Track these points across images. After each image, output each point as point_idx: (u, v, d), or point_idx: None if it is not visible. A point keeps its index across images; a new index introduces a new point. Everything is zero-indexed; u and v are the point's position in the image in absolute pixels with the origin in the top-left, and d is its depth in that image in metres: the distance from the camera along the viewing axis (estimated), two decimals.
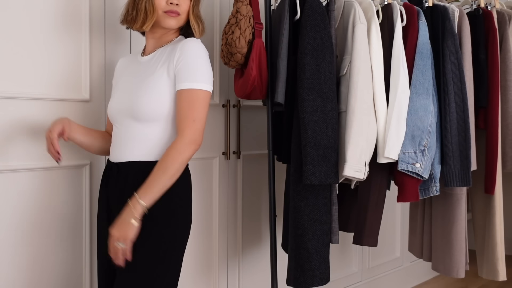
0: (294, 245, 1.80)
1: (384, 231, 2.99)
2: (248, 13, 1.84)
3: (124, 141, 1.44)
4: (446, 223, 2.12)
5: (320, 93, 1.71)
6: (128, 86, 1.47)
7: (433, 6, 2.01)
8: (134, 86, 1.44)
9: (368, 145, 1.76)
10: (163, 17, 1.42)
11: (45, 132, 1.48)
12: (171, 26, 1.44)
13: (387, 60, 1.84)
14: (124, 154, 1.43)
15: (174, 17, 1.42)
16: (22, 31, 1.61)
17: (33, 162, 1.64)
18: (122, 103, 1.45)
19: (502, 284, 3.12)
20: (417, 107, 1.83)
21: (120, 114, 1.45)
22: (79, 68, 1.73)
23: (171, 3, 1.41)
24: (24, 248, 1.63)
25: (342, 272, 2.74)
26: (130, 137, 1.42)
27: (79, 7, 1.73)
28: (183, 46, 1.40)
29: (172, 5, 1.41)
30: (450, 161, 1.93)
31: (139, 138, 1.41)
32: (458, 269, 2.09)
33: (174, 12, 1.41)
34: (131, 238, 1.30)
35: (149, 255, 1.36)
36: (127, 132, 1.43)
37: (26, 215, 1.63)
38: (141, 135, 1.41)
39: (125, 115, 1.43)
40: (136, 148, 1.41)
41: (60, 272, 1.71)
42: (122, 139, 1.45)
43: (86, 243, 1.76)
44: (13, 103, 1.59)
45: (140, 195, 1.31)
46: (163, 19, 1.42)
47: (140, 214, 1.31)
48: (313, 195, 1.77)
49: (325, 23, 1.75)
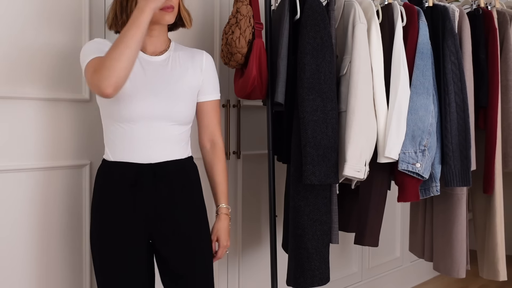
0: (294, 245, 1.80)
1: (384, 231, 2.98)
2: (248, 13, 1.84)
3: (157, 142, 1.43)
4: (446, 223, 2.12)
5: (320, 93, 1.71)
6: (155, 89, 1.43)
7: (433, 6, 2.01)
8: (166, 91, 1.44)
9: (368, 145, 1.76)
10: (160, 14, 1.41)
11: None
12: (169, 21, 1.44)
13: (387, 60, 1.84)
14: (160, 154, 1.44)
15: (171, 12, 1.43)
16: (21, 30, 1.60)
17: (33, 162, 1.63)
18: (157, 108, 1.42)
19: (502, 284, 3.12)
20: (418, 107, 1.83)
21: (151, 117, 1.42)
22: (79, 68, 1.73)
23: None
24: (24, 247, 1.63)
25: (342, 272, 2.74)
26: (164, 138, 1.44)
27: (79, 6, 1.73)
28: (207, 58, 1.56)
29: (167, 1, 1.41)
30: (450, 161, 1.93)
31: (174, 139, 1.46)
32: (458, 269, 2.09)
33: (170, 7, 1.42)
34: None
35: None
36: (160, 134, 1.43)
37: (26, 215, 1.63)
38: (176, 136, 1.47)
39: (160, 118, 1.43)
40: (174, 148, 1.47)
41: (60, 272, 1.71)
42: (151, 140, 1.42)
43: (86, 243, 1.76)
44: (13, 103, 1.59)
45: (226, 203, 1.58)
46: (161, 16, 1.42)
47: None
48: (313, 195, 1.77)
49: (325, 23, 1.75)
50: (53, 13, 1.67)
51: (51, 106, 1.67)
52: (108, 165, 1.45)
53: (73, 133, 1.72)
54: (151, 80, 1.44)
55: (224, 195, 1.58)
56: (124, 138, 1.42)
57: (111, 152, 1.44)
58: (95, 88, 1.28)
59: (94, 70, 1.29)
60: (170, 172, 1.45)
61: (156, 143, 1.43)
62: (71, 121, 1.72)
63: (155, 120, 1.42)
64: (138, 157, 1.42)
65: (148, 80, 1.44)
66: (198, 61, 1.53)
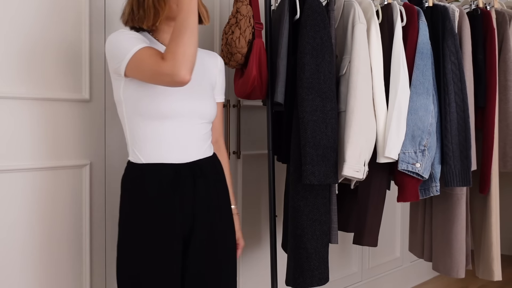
0: (293, 245, 1.80)
1: (384, 231, 2.99)
2: (248, 13, 1.84)
3: (192, 140, 1.43)
4: (446, 223, 2.12)
5: (320, 93, 1.71)
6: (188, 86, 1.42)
7: (433, 6, 2.01)
8: (196, 87, 1.45)
9: (367, 144, 1.76)
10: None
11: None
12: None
13: (387, 60, 1.84)
14: (195, 152, 1.44)
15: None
16: (21, 30, 1.61)
17: (33, 162, 1.64)
18: (194, 105, 1.42)
19: (502, 284, 3.12)
20: (417, 107, 1.83)
21: (190, 115, 1.42)
22: (79, 68, 1.74)
23: None
24: (23, 248, 1.63)
25: (342, 272, 2.74)
26: (198, 136, 1.45)
27: (79, 5, 1.73)
28: (221, 61, 1.61)
29: None
30: (450, 161, 1.93)
31: (204, 137, 1.48)
32: (458, 269, 2.09)
33: None
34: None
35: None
36: (194, 132, 1.44)
37: (25, 215, 1.63)
38: (206, 134, 1.49)
39: (196, 116, 1.43)
40: (205, 145, 1.48)
41: (60, 272, 1.71)
42: (187, 138, 1.42)
43: (86, 243, 1.76)
44: (12, 103, 1.59)
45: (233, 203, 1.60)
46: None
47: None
48: (313, 195, 1.77)
49: (324, 23, 1.75)
50: (53, 13, 1.67)
51: (51, 106, 1.67)
52: (140, 168, 1.39)
53: (73, 133, 1.73)
54: None
55: (231, 196, 1.60)
56: (157, 137, 1.38)
57: (142, 153, 1.39)
58: (167, 76, 1.25)
59: (162, 58, 1.26)
60: (205, 170, 1.45)
61: (191, 141, 1.42)
62: (71, 121, 1.72)
63: (188, 118, 1.41)
64: (175, 156, 1.39)
65: None
66: (214, 62, 1.58)
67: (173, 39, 1.27)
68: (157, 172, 1.38)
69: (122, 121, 1.43)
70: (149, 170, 1.38)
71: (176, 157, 1.39)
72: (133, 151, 1.41)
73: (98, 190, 1.79)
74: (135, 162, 1.40)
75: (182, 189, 1.39)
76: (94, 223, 1.78)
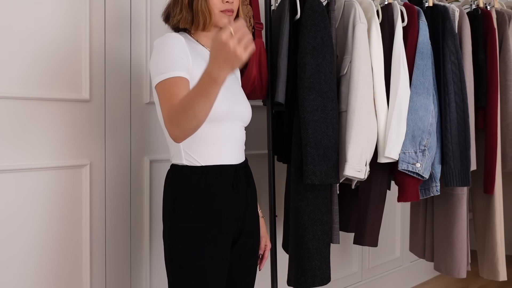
0: (294, 245, 1.80)
1: (384, 231, 2.99)
2: (248, 13, 1.84)
3: (238, 143, 1.47)
4: (447, 223, 2.12)
5: (321, 93, 1.71)
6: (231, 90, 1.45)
7: (433, 6, 2.01)
8: (236, 91, 1.49)
9: (368, 144, 1.76)
10: (219, 16, 1.40)
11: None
12: (225, 24, 1.36)
13: (387, 60, 1.84)
14: (241, 155, 1.48)
15: (230, 16, 1.41)
16: (21, 30, 1.60)
17: (33, 162, 1.63)
18: (241, 108, 1.46)
19: (502, 284, 3.12)
20: (418, 107, 1.83)
21: (234, 117, 1.44)
22: (79, 68, 1.73)
23: (227, 1, 1.40)
24: (23, 248, 1.62)
25: (342, 272, 2.74)
26: (241, 139, 1.49)
27: (79, 5, 1.73)
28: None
29: (228, 3, 1.40)
30: (450, 161, 1.93)
31: (244, 139, 1.51)
32: (459, 269, 2.09)
33: (230, 11, 1.41)
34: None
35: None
36: (238, 134, 1.46)
37: (25, 215, 1.62)
38: (244, 137, 1.52)
39: (239, 119, 1.46)
40: (243, 149, 1.51)
41: (60, 272, 1.71)
42: (235, 141, 1.45)
43: (86, 243, 1.76)
44: (12, 103, 1.59)
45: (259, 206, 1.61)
46: (220, 19, 1.41)
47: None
48: (314, 195, 1.77)
49: (325, 23, 1.75)
50: (52, 13, 1.67)
51: (51, 106, 1.67)
52: (199, 170, 1.38)
53: (73, 133, 1.72)
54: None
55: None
56: (213, 140, 1.39)
57: (198, 155, 1.38)
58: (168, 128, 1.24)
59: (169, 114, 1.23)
60: (247, 173, 1.51)
61: (235, 144, 1.45)
62: (71, 121, 1.71)
63: (238, 121, 1.45)
64: (233, 158, 1.43)
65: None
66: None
67: (179, 109, 1.19)
68: (219, 173, 1.40)
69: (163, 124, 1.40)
70: (212, 171, 1.39)
71: (234, 159, 1.44)
72: (187, 153, 1.39)
73: (98, 190, 1.78)
74: (191, 164, 1.39)
75: (240, 189, 1.45)
76: (94, 223, 1.77)
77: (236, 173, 1.43)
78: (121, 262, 1.85)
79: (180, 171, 1.40)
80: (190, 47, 1.41)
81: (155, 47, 1.38)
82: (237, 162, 1.45)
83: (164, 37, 1.37)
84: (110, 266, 1.82)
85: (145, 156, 1.89)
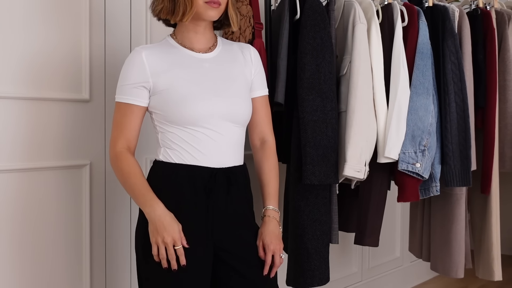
0: (293, 245, 1.80)
1: (384, 231, 2.98)
2: (248, 13, 1.84)
3: (225, 146, 1.38)
4: (445, 223, 2.12)
5: (320, 93, 1.71)
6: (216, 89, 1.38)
7: (433, 6, 2.01)
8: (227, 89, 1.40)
9: (368, 145, 1.76)
10: (204, 8, 1.35)
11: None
12: (211, 17, 1.37)
13: (387, 60, 1.84)
14: (228, 159, 1.39)
15: (216, 8, 1.36)
16: (21, 31, 1.60)
17: (33, 162, 1.63)
18: (220, 107, 1.36)
19: (502, 284, 3.12)
20: (417, 107, 1.83)
21: (217, 118, 1.36)
22: (79, 68, 1.73)
23: None
24: (24, 248, 1.63)
25: (342, 272, 2.74)
26: (231, 142, 1.40)
27: (79, 5, 1.73)
28: (255, 52, 1.51)
29: None
30: (450, 161, 1.93)
31: (239, 142, 1.43)
32: (457, 269, 2.09)
33: (216, 3, 1.35)
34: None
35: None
36: (226, 137, 1.38)
37: (25, 215, 1.63)
38: (239, 139, 1.43)
39: (224, 119, 1.37)
40: (238, 152, 1.43)
41: (60, 273, 1.71)
42: (220, 143, 1.37)
43: (86, 243, 1.76)
44: (12, 103, 1.59)
45: (273, 205, 1.49)
46: (204, 11, 1.35)
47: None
48: (313, 195, 1.77)
49: (325, 23, 1.75)
50: (53, 13, 1.67)
51: (51, 106, 1.67)
52: (171, 167, 1.36)
53: (73, 133, 1.72)
54: (209, 79, 1.38)
55: (271, 196, 1.50)
56: (191, 141, 1.35)
57: (174, 154, 1.36)
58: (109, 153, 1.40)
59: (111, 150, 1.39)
60: (239, 178, 1.42)
61: (221, 146, 1.37)
62: (71, 121, 1.72)
63: (222, 122, 1.36)
64: (210, 161, 1.36)
65: (206, 80, 1.38)
66: (247, 55, 1.49)
67: (120, 175, 1.38)
68: (191, 174, 1.35)
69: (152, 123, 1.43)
70: (184, 170, 1.35)
71: (211, 162, 1.36)
72: (164, 150, 1.38)
73: (98, 190, 1.79)
74: (166, 161, 1.38)
75: (215, 194, 1.36)
76: (94, 223, 1.77)
77: (212, 178, 1.35)
78: (121, 262, 1.86)
79: (155, 165, 1.42)
80: (161, 59, 1.38)
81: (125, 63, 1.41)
82: (217, 166, 1.36)
83: (130, 56, 1.39)
84: (110, 266, 1.83)
85: (145, 156, 1.89)
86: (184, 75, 1.37)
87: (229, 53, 1.47)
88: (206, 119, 1.35)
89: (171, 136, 1.37)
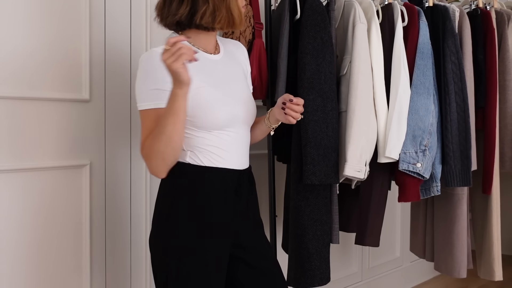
0: (294, 245, 1.80)
1: (384, 231, 2.98)
2: (248, 13, 1.85)
3: (242, 148, 1.41)
4: (447, 223, 2.12)
5: (321, 93, 1.71)
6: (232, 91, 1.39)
7: (433, 6, 2.01)
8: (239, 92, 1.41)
9: (368, 144, 1.76)
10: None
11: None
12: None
13: (387, 60, 1.84)
14: (245, 161, 1.43)
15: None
16: (21, 31, 1.60)
17: (33, 162, 1.63)
18: (238, 111, 1.38)
19: (502, 284, 3.12)
20: (418, 107, 1.83)
21: (240, 122, 1.39)
22: (79, 68, 1.73)
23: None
24: (24, 248, 1.62)
25: (342, 272, 2.74)
26: (246, 143, 1.43)
27: (79, 5, 1.73)
28: (245, 50, 1.52)
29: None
30: (450, 161, 1.93)
31: (248, 144, 1.45)
32: (460, 269, 2.09)
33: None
34: None
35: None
36: (243, 139, 1.41)
37: (26, 215, 1.62)
38: (249, 139, 1.46)
39: (244, 122, 1.41)
40: (247, 154, 1.45)
41: (60, 272, 1.71)
42: (239, 146, 1.39)
43: (86, 243, 1.76)
44: (12, 104, 1.59)
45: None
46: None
47: None
48: (314, 195, 1.77)
49: (325, 23, 1.75)
50: (53, 13, 1.67)
51: (51, 106, 1.67)
52: (202, 170, 1.34)
53: (73, 133, 1.72)
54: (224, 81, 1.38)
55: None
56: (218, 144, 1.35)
57: (203, 156, 1.34)
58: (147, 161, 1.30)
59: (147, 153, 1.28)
60: (253, 177, 1.47)
61: (244, 149, 1.41)
62: (71, 121, 1.71)
63: (242, 125, 1.39)
64: (235, 162, 1.38)
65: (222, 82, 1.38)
66: (242, 53, 1.51)
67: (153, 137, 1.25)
68: (222, 177, 1.35)
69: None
70: (214, 174, 1.35)
71: (238, 164, 1.39)
72: (193, 154, 1.35)
73: (98, 190, 1.78)
74: (195, 164, 1.34)
75: (242, 196, 1.40)
76: (94, 223, 1.77)
77: (240, 179, 1.39)
78: (121, 262, 1.85)
79: (181, 168, 1.34)
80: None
81: (140, 65, 1.31)
82: (241, 168, 1.40)
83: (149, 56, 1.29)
84: (110, 266, 1.82)
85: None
86: (206, 78, 1.35)
87: (229, 53, 1.47)
88: (229, 123, 1.36)
89: (197, 140, 1.34)
